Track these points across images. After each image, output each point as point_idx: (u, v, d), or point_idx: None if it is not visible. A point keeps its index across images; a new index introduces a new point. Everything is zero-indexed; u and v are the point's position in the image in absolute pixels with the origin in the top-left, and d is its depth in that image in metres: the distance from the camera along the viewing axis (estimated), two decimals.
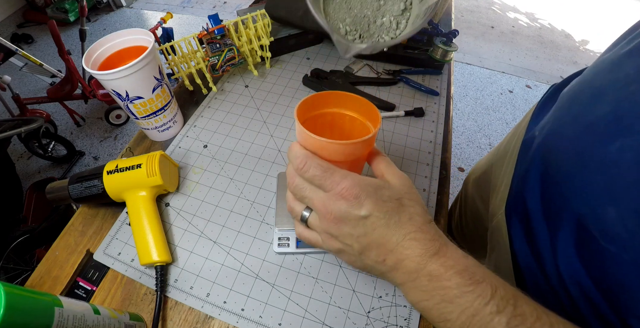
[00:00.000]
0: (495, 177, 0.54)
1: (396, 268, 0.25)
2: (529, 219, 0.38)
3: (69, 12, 2.36)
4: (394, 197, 0.26)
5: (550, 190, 0.35)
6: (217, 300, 0.40)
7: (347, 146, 0.28)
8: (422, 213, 0.26)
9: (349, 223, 0.26)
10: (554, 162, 0.34)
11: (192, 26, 2.49)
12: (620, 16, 2.70)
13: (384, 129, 0.57)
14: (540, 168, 0.37)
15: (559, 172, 0.33)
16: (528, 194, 0.39)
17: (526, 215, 0.39)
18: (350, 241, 0.26)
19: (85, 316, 0.30)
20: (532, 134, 0.44)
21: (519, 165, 0.45)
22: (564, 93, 0.38)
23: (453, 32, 0.64)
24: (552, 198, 0.34)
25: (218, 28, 0.58)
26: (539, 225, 0.36)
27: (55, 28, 1.36)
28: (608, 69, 0.31)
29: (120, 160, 0.45)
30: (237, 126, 0.58)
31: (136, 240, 0.42)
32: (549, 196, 0.35)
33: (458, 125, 1.78)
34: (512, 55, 2.30)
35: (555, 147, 0.35)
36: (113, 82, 0.45)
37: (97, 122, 1.80)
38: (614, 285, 0.27)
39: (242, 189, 0.50)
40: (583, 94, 0.33)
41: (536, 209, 0.37)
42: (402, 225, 0.25)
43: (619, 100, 0.27)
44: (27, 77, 2.01)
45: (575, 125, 0.32)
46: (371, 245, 0.26)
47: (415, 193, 0.28)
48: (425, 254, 0.24)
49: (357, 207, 0.25)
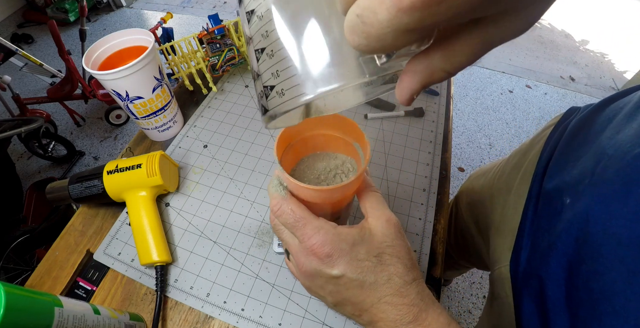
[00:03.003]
0: (494, 208, 0.48)
1: (372, 325, 0.24)
2: (544, 303, 0.30)
3: (69, 12, 2.36)
4: (372, 253, 0.23)
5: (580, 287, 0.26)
6: (217, 300, 0.40)
7: (323, 192, 0.25)
8: (403, 272, 0.23)
9: (321, 280, 0.24)
10: (593, 252, 0.25)
11: (192, 26, 2.49)
12: (620, 16, 2.70)
13: (384, 129, 0.57)
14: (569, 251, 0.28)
15: (597, 270, 0.24)
16: (545, 274, 0.31)
17: (541, 297, 0.31)
18: (324, 293, 0.25)
19: (85, 316, 0.30)
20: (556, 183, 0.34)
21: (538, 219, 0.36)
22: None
23: None
24: (582, 297, 0.26)
25: (218, 28, 0.58)
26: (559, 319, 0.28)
27: (55, 28, 1.36)
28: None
29: (120, 160, 0.45)
30: (237, 126, 0.58)
31: (136, 240, 0.42)
32: (577, 293, 0.27)
33: (458, 125, 1.78)
34: (512, 55, 2.30)
35: (601, 229, 0.25)
36: (113, 82, 0.45)
37: (97, 122, 1.80)
38: None
39: (242, 189, 0.50)
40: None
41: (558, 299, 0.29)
42: (377, 288, 0.23)
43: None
44: (27, 77, 2.01)
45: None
46: (345, 301, 0.24)
47: (399, 245, 0.24)
48: (401, 320, 0.22)
49: (329, 266, 0.23)
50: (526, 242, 0.37)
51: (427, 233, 0.45)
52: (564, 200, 0.32)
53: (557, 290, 0.29)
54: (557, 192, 0.34)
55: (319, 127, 0.32)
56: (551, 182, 0.36)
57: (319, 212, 0.30)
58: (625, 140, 0.27)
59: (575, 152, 0.35)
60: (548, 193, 0.36)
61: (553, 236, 0.31)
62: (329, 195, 0.28)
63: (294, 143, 0.33)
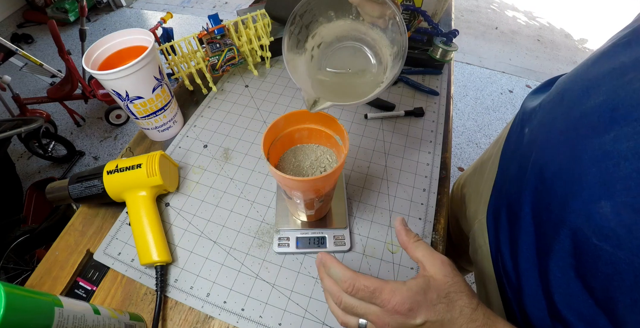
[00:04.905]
0: (477, 182, 0.52)
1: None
2: (517, 219, 0.36)
3: (69, 12, 2.36)
4: (441, 295, 0.27)
5: (541, 188, 0.33)
6: (217, 300, 0.40)
7: (306, 182, 0.31)
8: (469, 302, 0.27)
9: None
10: (546, 157, 0.33)
11: (192, 26, 2.49)
12: (619, 15, 2.70)
13: (384, 128, 0.57)
14: (530, 163, 0.35)
15: (549, 167, 0.32)
16: (514, 191, 0.37)
17: (514, 215, 0.37)
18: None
19: (85, 316, 0.30)
20: (518, 128, 0.42)
21: (505, 162, 0.43)
22: (555, 86, 0.37)
23: (453, 32, 0.64)
24: (543, 196, 0.32)
25: (218, 28, 0.58)
26: (527, 227, 0.34)
27: (55, 28, 1.36)
28: (603, 60, 0.30)
29: (120, 160, 0.45)
30: (237, 126, 0.58)
31: (136, 240, 0.42)
32: (540, 194, 0.33)
33: (458, 125, 1.78)
34: (512, 55, 2.30)
35: (547, 141, 0.33)
36: (113, 82, 0.45)
37: (97, 122, 1.80)
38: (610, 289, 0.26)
39: (242, 189, 0.50)
40: (576, 85, 0.32)
41: (525, 210, 0.35)
42: (454, 321, 0.27)
43: (613, 89, 0.26)
44: (27, 77, 2.01)
45: (567, 118, 0.31)
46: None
47: (459, 280, 0.28)
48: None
49: (412, 318, 0.27)
50: (498, 187, 0.42)
51: (427, 233, 0.45)
52: (524, 131, 0.39)
53: (524, 201, 0.35)
54: (519, 127, 0.41)
55: (303, 121, 0.37)
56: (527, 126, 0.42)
57: (305, 198, 0.36)
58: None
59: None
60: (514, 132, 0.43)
61: (518, 157, 0.39)
62: (312, 184, 0.32)
63: (280, 137, 0.37)
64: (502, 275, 0.39)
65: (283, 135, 0.37)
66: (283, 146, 0.39)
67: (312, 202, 0.38)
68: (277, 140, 0.37)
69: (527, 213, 0.34)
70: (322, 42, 0.37)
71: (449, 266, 0.29)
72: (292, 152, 0.39)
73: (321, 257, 0.31)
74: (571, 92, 0.32)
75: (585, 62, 0.33)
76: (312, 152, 0.39)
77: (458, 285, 0.28)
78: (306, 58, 0.36)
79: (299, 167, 0.38)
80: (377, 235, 0.45)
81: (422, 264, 0.30)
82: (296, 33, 0.34)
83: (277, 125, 0.36)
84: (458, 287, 0.28)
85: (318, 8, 0.34)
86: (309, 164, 0.38)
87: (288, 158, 0.39)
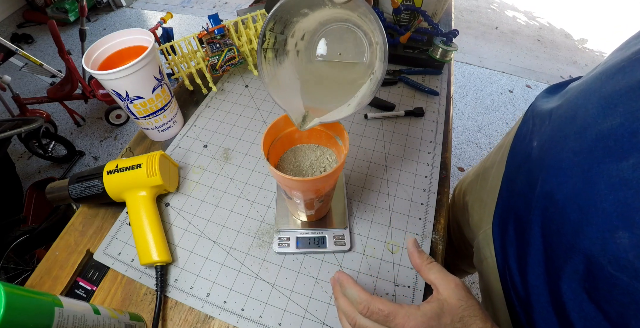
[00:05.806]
0: (480, 190, 0.51)
1: None
2: (525, 235, 0.35)
3: (69, 12, 2.36)
4: (455, 319, 0.27)
5: (552, 209, 0.32)
6: (217, 300, 0.40)
7: (306, 182, 0.31)
8: (482, 326, 0.27)
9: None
10: (557, 178, 0.31)
11: (192, 26, 2.49)
12: (619, 15, 2.70)
13: (384, 128, 0.57)
14: (540, 181, 0.34)
15: (562, 189, 0.30)
16: (522, 207, 0.36)
17: (522, 231, 0.36)
18: None
19: (85, 316, 0.30)
20: (527, 139, 0.41)
21: (510, 174, 0.42)
22: (567, 99, 0.35)
23: (453, 32, 0.64)
24: (554, 218, 0.31)
25: (218, 28, 0.58)
26: (536, 244, 0.33)
27: (55, 28, 1.35)
28: (619, 77, 0.28)
29: (120, 160, 0.45)
30: (237, 126, 0.58)
31: (136, 240, 0.42)
32: (551, 216, 0.32)
33: (458, 125, 1.78)
34: (512, 55, 2.30)
35: (558, 162, 0.32)
36: (113, 82, 0.45)
37: (97, 122, 1.80)
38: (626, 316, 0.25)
39: (242, 189, 0.50)
40: (589, 102, 0.30)
41: (534, 229, 0.34)
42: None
43: (632, 111, 0.25)
44: (27, 77, 2.01)
45: (581, 138, 0.29)
46: None
47: (473, 304, 0.28)
48: None
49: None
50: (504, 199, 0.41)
51: (427, 233, 0.45)
52: (532, 144, 0.38)
53: (532, 221, 0.34)
54: (527, 138, 0.40)
55: None
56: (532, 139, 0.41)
57: (305, 198, 0.36)
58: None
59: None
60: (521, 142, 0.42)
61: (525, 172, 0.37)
62: (312, 184, 0.32)
63: (280, 137, 0.37)
64: (510, 289, 0.38)
65: (283, 135, 0.37)
66: (283, 146, 0.39)
67: (312, 202, 0.38)
68: (277, 140, 0.37)
69: (536, 232, 0.33)
70: (305, 32, 0.34)
71: (463, 289, 0.29)
72: (292, 152, 0.39)
73: (338, 276, 0.31)
74: (584, 110, 0.31)
75: (599, 76, 0.32)
76: (312, 152, 0.39)
77: (472, 309, 0.28)
78: (291, 59, 0.35)
79: (299, 167, 0.38)
80: (377, 235, 0.45)
81: (435, 287, 0.29)
82: (271, 46, 0.33)
83: (277, 125, 0.36)
84: (472, 311, 0.28)
85: (287, 14, 0.31)
86: (309, 164, 0.38)
87: (288, 158, 0.39)
